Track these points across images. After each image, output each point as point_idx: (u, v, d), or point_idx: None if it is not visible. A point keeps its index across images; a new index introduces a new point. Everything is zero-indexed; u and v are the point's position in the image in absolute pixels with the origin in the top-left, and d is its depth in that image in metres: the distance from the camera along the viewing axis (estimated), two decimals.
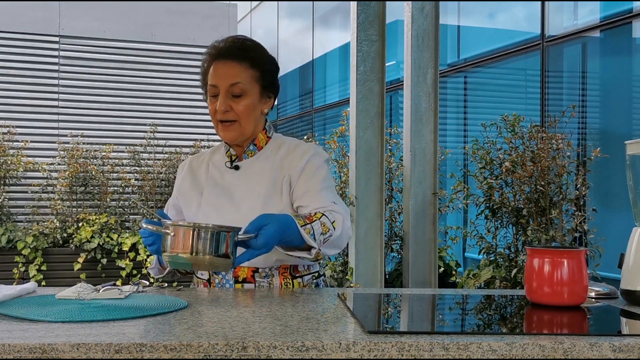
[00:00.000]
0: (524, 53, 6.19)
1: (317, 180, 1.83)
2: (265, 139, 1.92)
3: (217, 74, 1.84)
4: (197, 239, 1.49)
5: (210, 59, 1.88)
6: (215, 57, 1.87)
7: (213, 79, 1.84)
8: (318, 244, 1.67)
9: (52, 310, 1.38)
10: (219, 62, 1.85)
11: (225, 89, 1.82)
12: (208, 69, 1.88)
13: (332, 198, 1.82)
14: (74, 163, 7.10)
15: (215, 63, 1.86)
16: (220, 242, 1.50)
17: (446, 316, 1.61)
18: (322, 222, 1.71)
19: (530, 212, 4.19)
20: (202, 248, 1.49)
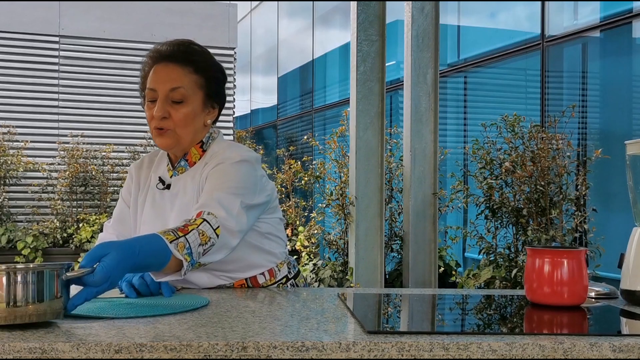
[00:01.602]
0: (524, 53, 6.19)
1: (215, 182, 1.62)
2: (199, 153, 1.74)
3: (156, 77, 1.68)
4: (11, 284, 1.18)
5: (152, 62, 1.72)
6: (157, 60, 1.72)
7: (152, 82, 1.69)
8: (197, 256, 1.47)
9: (80, 307, 1.38)
10: (160, 65, 1.70)
11: (164, 93, 1.67)
12: (148, 73, 1.72)
13: (225, 200, 1.57)
14: (74, 163, 7.10)
15: (157, 66, 1.71)
16: (45, 285, 1.20)
17: (446, 316, 1.61)
18: (200, 231, 1.48)
19: (530, 212, 4.19)
20: (22, 295, 1.18)
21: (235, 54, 8.25)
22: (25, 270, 1.19)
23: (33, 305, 1.19)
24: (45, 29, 7.54)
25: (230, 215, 1.55)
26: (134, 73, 7.84)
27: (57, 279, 1.22)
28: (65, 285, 1.24)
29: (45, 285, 1.20)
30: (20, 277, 1.18)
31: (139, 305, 1.45)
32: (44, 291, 1.20)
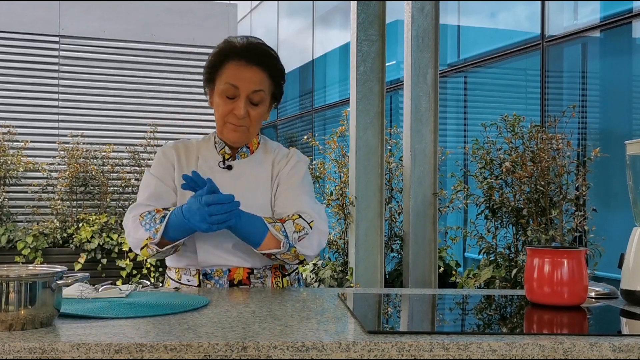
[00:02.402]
0: (524, 53, 6.19)
1: (300, 186, 1.84)
2: (257, 143, 1.93)
3: (241, 77, 1.78)
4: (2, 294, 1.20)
5: (227, 57, 1.81)
6: (235, 57, 1.80)
7: (235, 79, 1.78)
8: (292, 241, 1.70)
9: (79, 307, 1.38)
10: (241, 64, 1.79)
11: (246, 93, 1.79)
12: (219, 65, 1.81)
13: (312, 204, 1.82)
14: (74, 163, 7.10)
15: (236, 63, 1.80)
16: (37, 293, 1.23)
17: (446, 316, 1.61)
18: (296, 223, 1.73)
19: (530, 212, 4.19)
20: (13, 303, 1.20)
21: None
22: (18, 280, 1.21)
23: (25, 310, 1.21)
24: (45, 29, 7.54)
25: (321, 218, 1.79)
26: (134, 73, 7.85)
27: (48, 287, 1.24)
28: (57, 292, 1.26)
29: (37, 293, 1.22)
30: (12, 287, 1.20)
31: (139, 305, 1.45)
32: (35, 298, 1.22)
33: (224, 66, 1.80)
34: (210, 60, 1.84)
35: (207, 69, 1.85)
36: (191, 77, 7.99)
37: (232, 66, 1.79)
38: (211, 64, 1.83)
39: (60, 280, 1.26)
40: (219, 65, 1.81)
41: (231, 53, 1.80)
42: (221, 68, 1.80)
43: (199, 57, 8.02)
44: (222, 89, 1.80)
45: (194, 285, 1.81)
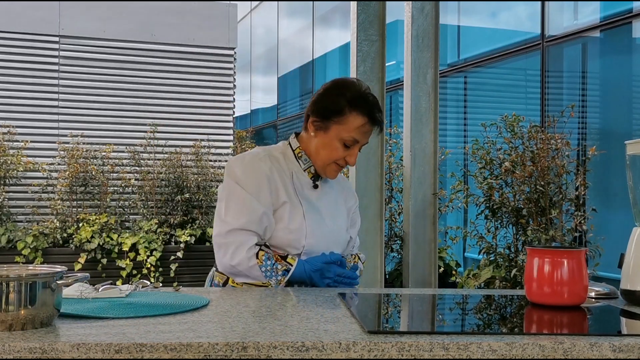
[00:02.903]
0: (524, 53, 6.19)
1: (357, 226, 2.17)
2: None
3: (365, 133, 1.92)
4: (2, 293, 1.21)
5: (354, 106, 1.90)
6: (364, 112, 1.90)
7: (360, 135, 1.91)
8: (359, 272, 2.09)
9: (79, 307, 1.38)
10: (366, 121, 1.91)
11: (361, 145, 1.95)
12: (345, 112, 1.89)
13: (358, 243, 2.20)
14: (74, 163, 7.10)
15: (363, 119, 1.90)
16: (37, 293, 1.23)
17: (446, 316, 1.61)
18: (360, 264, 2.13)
19: (530, 212, 4.19)
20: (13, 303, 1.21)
21: (235, 54, 8.25)
22: (19, 280, 1.21)
23: (25, 310, 1.21)
24: (45, 29, 7.53)
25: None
26: (134, 73, 7.85)
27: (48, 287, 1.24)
28: (57, 292, 1.26)
29: (37, 293, 1.22)
30: (12, 287, 1.20)
31: (139, 305, 1.45)
32: (35, 298, 1.22)
33: (351, 116, 1.89)
34: (335, 100, 1.90)
35: (330, 109, 1.91)
36: (191, 77, 7.98)
37: (360, 121, 1.90)
38: (338, 107, 1.90)
39: (60, 280, 1.26)
40: (345, 112, 1.89)
41: (361, 105, 1.90)
42: (347, 116, 1.89)
43: (199, 57, 8.02)
44: (344, 137, 1.90)
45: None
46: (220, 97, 8.10)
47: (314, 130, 1.94)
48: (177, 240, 7.12)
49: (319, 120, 1.93)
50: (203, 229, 7.26)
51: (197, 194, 7.39)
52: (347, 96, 1.90)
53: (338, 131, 1.90)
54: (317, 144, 1.94)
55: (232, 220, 1.86)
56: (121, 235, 6.88)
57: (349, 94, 1.90)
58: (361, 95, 1.91)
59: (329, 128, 1.91)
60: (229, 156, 8.03)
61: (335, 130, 1.90)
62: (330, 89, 1.95)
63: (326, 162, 1.94)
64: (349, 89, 1.92)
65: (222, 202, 1.91)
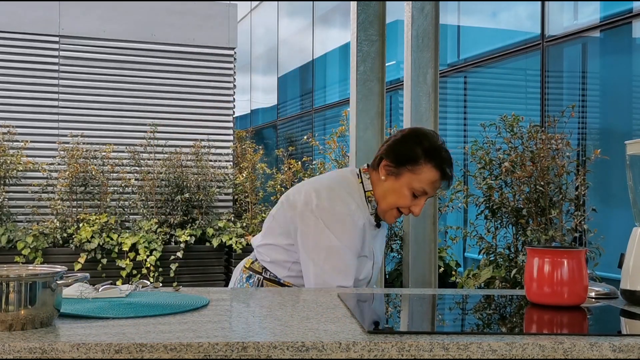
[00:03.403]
0: (524, 53, 6.19)
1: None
2: None
3: (435, 186, 1.94)
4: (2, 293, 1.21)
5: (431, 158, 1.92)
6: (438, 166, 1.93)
7: (430, 187, 1.93)
8: None
9: (79, 307, 1.38)
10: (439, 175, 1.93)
11: (427, 197, 1.97)
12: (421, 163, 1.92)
13: None
14: (74, 163, 7.10)
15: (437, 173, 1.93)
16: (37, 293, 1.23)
17: (446, 316, 1.61)
18: None
19: (530, 212, 4.19)
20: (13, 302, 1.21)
21: (235, 54, 8.25)
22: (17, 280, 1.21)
23: (25, 310, 1.21)
24: (45, 29, 7.53)
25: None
26: (134, 73, 7.85)
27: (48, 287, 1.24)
28: (57, 292, 1.26)
29: (37, 293, 1.22)
30: (12, 287, 1.20)
31: (139, 305, 1.45)
32: (35, 298, 1.22)
33: (425, 167, 1.92)
34: (411, 148, 1.93)
35: (406, 156, 1.93)
36: (191, 77, 7.98)
37: (433, 174, 1.93)
38: (413, 155, 1.92)
39: (60, 280, 1.26)
40: (420, 162, 1.92)
41: (436, 158, 1.93)
42: (421, 166, 1.92)
43: (199, 57, 8.02)
44: (415, 187, 1.93)
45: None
46: (220, 97, 8.10)
47: (385, 175, 1.96)
48: (177, 240, 7.12)
49: (392, 165, 1.95)
50: (203, 229, 7.27)
51: (197, 194, 7.39)
52: (424, 146, 1.93)
53: (410, 180, 1.92)
54: (386, 189, 1.96)
55: (343, 281, 1.90)
56: (121, 235, 6.88)
57: (427, 144, 1.94)
58: (437, 148, 1.95)
59: (401, 175, 1.93)
60: (229, 156, 8.04)
61: (407, 178, 1.92)
62: (408, 136, 1.97)
63: (390, 207, 1.97)
64: (427, 139, 1.95)
65: (315, 248, 1.90)
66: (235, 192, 7.97)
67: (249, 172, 7.84)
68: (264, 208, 7.80)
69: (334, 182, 2.01)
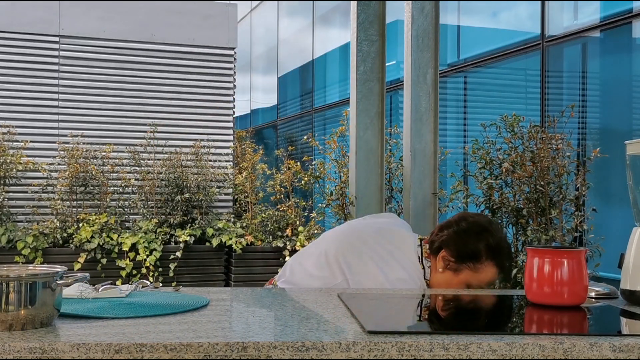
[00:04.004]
0: (524, 53, 6.19)
1: None
2: None
3: (489, 282, 1.90)
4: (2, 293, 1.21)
5: (489, 250, 1.88)
6: (495, 259, 1.89)
7: (486, 284, 1.90)
8: None
9: (79, 307, 1.38)
10: (496, 272, 1.90)
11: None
12: (479, 256, 1.87)
13: None
14: (74, 163, 7.10)
15: (494, 269, 1.89)
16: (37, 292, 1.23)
17: (446, 316, 1.61)
18: None
19: (530, 212, 4.19)
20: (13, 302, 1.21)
21: (235, 54, 8.25)
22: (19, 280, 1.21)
23: (25, 310, 1.21)
24: (45, 29, 7.53)
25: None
26: (134, 73, 7.84)
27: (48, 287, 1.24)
28: (57, 292, 1.26)
29: (37, 293, 1.22)
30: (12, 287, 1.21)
31: (139, 305, 1.45)
32: (35, 298, 1.22)
33: (487, 266, 1.88)
34: (475, 246, 1.87)
35: (468, 253, 1.87)
36: (191, 77, 7.98)
37: (493, 273, 1.89)
38: (476, 253, 1.87)
39: (60, 280, 1.26)
40: (482, 260, 1.87)
41: (498, 257, 1.88)
42: (483, 265, 1.87)
43: (199, 57, 8.02)
44: (474, 284, 1.87)
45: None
46: (220, 97, 8.10)
47: (443, 267, 1.89)
48: (177, 240, 7.12)
49: (452, 260, 1.88)
50: (203, 229, 7.27)
51: (197, 194, 7.39)
52: (489, 243, 1.88)
53: (469, 277, 1.88)
54: (441, 280, 1.90)
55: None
56: (121, 235, 6.88)
57: (491, 242, 1.88)
58: (500, 244, 1.89)
59: (461, 271, 1.88)
60: (229, 156, 8.04)
61: (467, 275, 1.88)
62: (472, 230, 1.89)
63: (469, 287, 1.91)
64: (491, 236, 1.88)
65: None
66: (235, 192, 7.97)
67: (249, 172, 7.84)
68: (264, 208, 7.80)
69: (403, 260, 1.94)
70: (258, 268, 7.05)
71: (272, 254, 7.15)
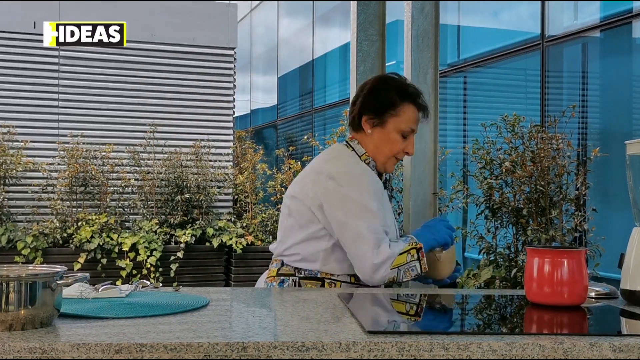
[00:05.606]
0: (524, 53, 6.19)
1: None
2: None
3: (417, 121, 2.02)
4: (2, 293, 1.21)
5: (406, 97, 2.00)
6: (414, 103, 2.01)
7: (414, 124, 2.01)
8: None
9: (79, 307, 1.38)
10: (416, 110, 2.01)
11: (414, 134, 2.04)
12: (394, 104, 1.99)
13: None
14: (73, 163, 7.10)
15: (414, 109, 2.01)
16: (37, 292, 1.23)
17: (446, 316, 1.61)
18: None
19: (530, 212, 4.19)
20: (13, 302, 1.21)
21: (235, 54, 8.25)
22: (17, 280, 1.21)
23: (25, 310, 1.21)
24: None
25: None
26: (134, 73, 7.85)
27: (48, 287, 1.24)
28: (57, 292, 1.26)
29: (37, 293, 1.22)
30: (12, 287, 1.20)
31: (139, 305, 1.45)
32: (35, 298, 1.22)
33: (404, 107, 1.99)
34: (386, 95, 2.00)
35: (378, 104, 1.99)
36: (191, 77, 7.98)
37: (412, 110, 2.01)
38: (391, 101, 1.99)
39: (60, 280, 1.26)
40: (398, 104, 1.99)
41: (411, 98, 2.01)
42: (400, 108, 1.99)
43: (199, 57, 8.02)
44: (403, 128, 1.99)
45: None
46: (220, 97, 8.10)
47: (371, 128, 2.01)
48: (177, 240, 7.12)
49: (374, 117, 2.00)
50: (203, 229, 7.27)
51: (197, 194, 7.39)
52: (396, 87, 2.01)
53: (396, 124, 1.98)
54: (376, 141, 2.01)
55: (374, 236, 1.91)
56: (121, 235, 6.88)
57: (397, 86, 2.02)
58: (406, 86, 2.03)
59: (386, 122, 1.99)
60: (229, 156, 8.04)
61: (393, 123, 1.99)
62: (377, 86, 2.03)
63: (388, 157, 2.02)
64: (394, 82, 2.04)
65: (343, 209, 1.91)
66: (235, 192, 7.97)
67: (249, 172, 7.84)
68: (264, 208, 7.80)
69: (334, 153, 2.07)
70: (258, 268, 7.04)
71: (272, 254, 7.15)
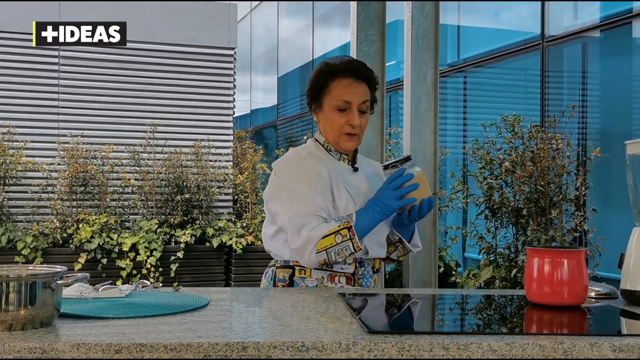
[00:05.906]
0: (524, 53, 6.19)
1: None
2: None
3: (350, 92, 2.01)
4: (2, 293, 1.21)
5: (329, 75, 2.03)
6: (341, 75, 2.02)
7: (346, 95, 2.00)
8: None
9: (79, 307, 1.38)
10: (350, 81, 2.02)
11: (357, 105, 2.01)
12: (325, 84, 2.03)
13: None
14: (73, 163, 7.09)
15: (344, 81, 2.02)
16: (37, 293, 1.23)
17: (446, 316, 1.61)
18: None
19: (530, 212, 4.19)
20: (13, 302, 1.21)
21: (235, 54, 8.25)
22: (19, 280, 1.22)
23: (25, 310, 1.21)
24: None
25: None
26: (134, 73, 7.85)
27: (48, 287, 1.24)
28: (57, 292, 1.27)
29: (37, 293, 1.23)
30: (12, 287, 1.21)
31: (139, 305, 1.45)
32: (35, 298, 1.22)
33: (334, 83, 2.02)
34: (314, 81, 2.06)
35: (312, 90, 2.07)
36: (191, 77, 7.98)
37: (344, 83, 2.02)
38: (322, 83, 2.04)
39: (60, 280, 1.26)
40: (329, 83, 2.03)
41: (342, 71, 2.03)
42: (331, 86, 2.02)
43: (199, 57, 8.02)
44: (335, 104, 2.01)
45: (350, 272, 1.97)
46: (220, 97, 8.10)
47: (316, 115, 2.09)
48: (177, 240, 7.12)
49: (313, 103, 2.08)
50: (203, 229, 7.26)
51: (197, 194, 7.39)
52: (326, 71, 2.04)
53: (329, 102, 2.02)
54: (323, 125, 2.07)
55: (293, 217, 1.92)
56: (121, 235, 6.87)
57: (327, 68, 2.05)
58: (339, 63, 2.04)
59: (323, 104, 2.04)
60: (229, 156, 8.04)
61: (327, 103, 2.03)
62: (312, 76, 2.09)
63: (336, 136, 2.04)
64: (327, 65, 2.06)
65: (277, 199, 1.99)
66: (235, 192, 7.97)
67: (249, 172, 7.84)
68: (264, 208, 7.80)
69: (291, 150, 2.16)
70: (258, 268, 7.04)
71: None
